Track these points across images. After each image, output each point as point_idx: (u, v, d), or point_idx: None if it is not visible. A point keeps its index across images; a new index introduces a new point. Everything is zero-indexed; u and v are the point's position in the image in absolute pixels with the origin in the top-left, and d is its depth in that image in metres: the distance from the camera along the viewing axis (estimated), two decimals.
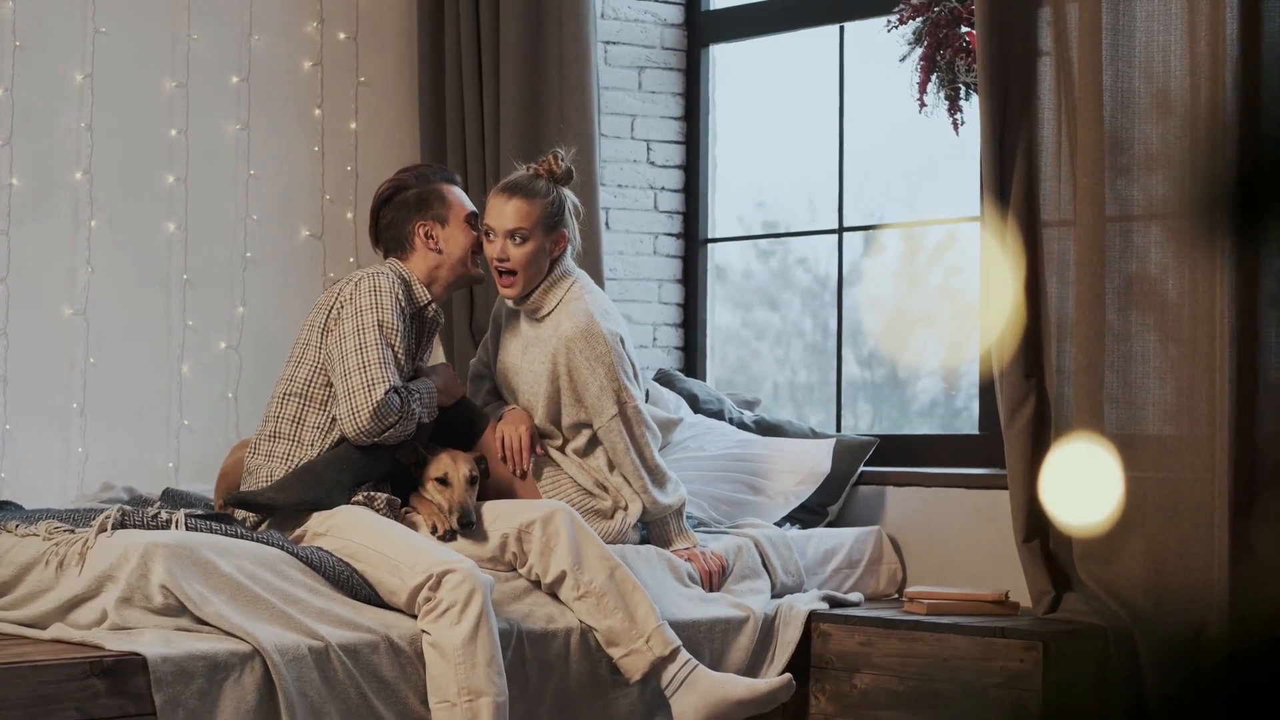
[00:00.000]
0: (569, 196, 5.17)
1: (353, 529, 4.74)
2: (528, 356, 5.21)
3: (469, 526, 4.87)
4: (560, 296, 5.17)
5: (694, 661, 4.82)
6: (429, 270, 5.06)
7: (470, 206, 5.13)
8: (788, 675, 4.98)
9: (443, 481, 4.93)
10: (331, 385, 4.91)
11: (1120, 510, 4.84)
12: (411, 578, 4.58)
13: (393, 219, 5.10)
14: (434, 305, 5.06)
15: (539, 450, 5.16)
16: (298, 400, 4.94)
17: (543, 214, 5.09)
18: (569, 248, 5.18)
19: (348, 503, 4.84)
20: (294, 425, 4.93)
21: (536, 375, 5.17)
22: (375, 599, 4.64)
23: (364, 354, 4.84)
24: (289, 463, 4.91)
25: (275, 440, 4.94)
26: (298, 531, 4.83)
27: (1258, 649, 0.84)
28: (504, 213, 5.10)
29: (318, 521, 4.81)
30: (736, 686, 4.83)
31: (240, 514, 4.87)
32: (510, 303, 5.23)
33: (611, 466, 5.17)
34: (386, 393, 4.80)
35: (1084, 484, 5.16)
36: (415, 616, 4.60)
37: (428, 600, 4.56)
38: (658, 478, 5.18)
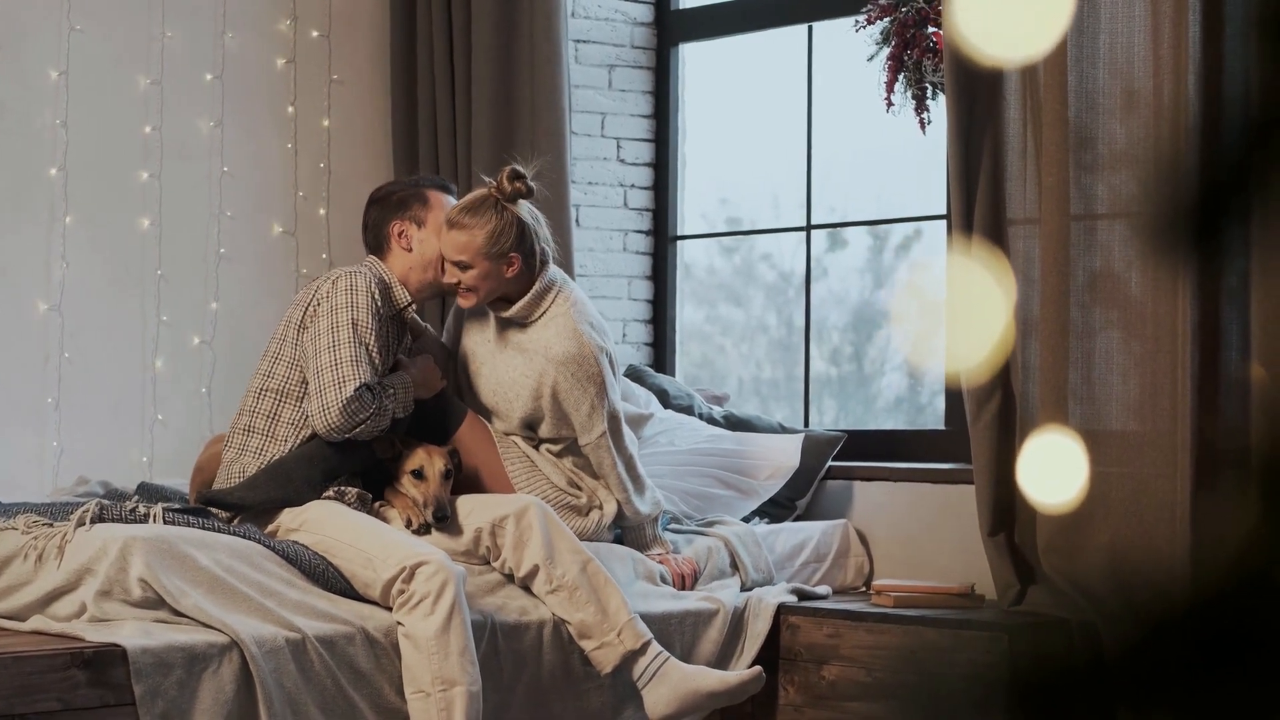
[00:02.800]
0: (523, 214, 5.11)
1: (325, 524, 4.79)
2: (503, 358, 5.22)
3: (444, 520, 4.91)
4: (545, 307, 5.17)
5: (665, 654, 4.87)
6: (404, 271, 5.10)
7: None
8: (758, 668, 5.03)
9: (418, 475, 4.97)
10: (307, 382, 4.95)
11: (1084, 504, 4.90)
12: (385, 570, 4.63)
13: (376, 218, 5.16)
14: (414, 307, 5.11)
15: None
16: (274, 396, 4.99)
17: (483, 245, 5.05)
18: (546, 254, 5.17)
19: (318, 499, 4.88)
20: (269, 421, 4.97)
21: (515, 384, 5.18)
22: (350, 592, 4.69)
23: (336, 351, 4.88)
24: (262, 458, 4.95)
25: (249, 435, 4.98)
26: (270, 527, 4.87)
27: (1213, 612, 0.90)
28: (447, 243, 5.09)
29: (290, 517, 4.85)
30: (708, 679, 4.88)
31: (223, 520, 4.92)
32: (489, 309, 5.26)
33: (588, 470, 5.22)
34: (357, 389, 4.84)
35: (1056, 468, 5.22)
36: (390, 609, 4.65)
37: (401, 592, 4.61)
38: (640, 487, 5.23)
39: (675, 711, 4.84)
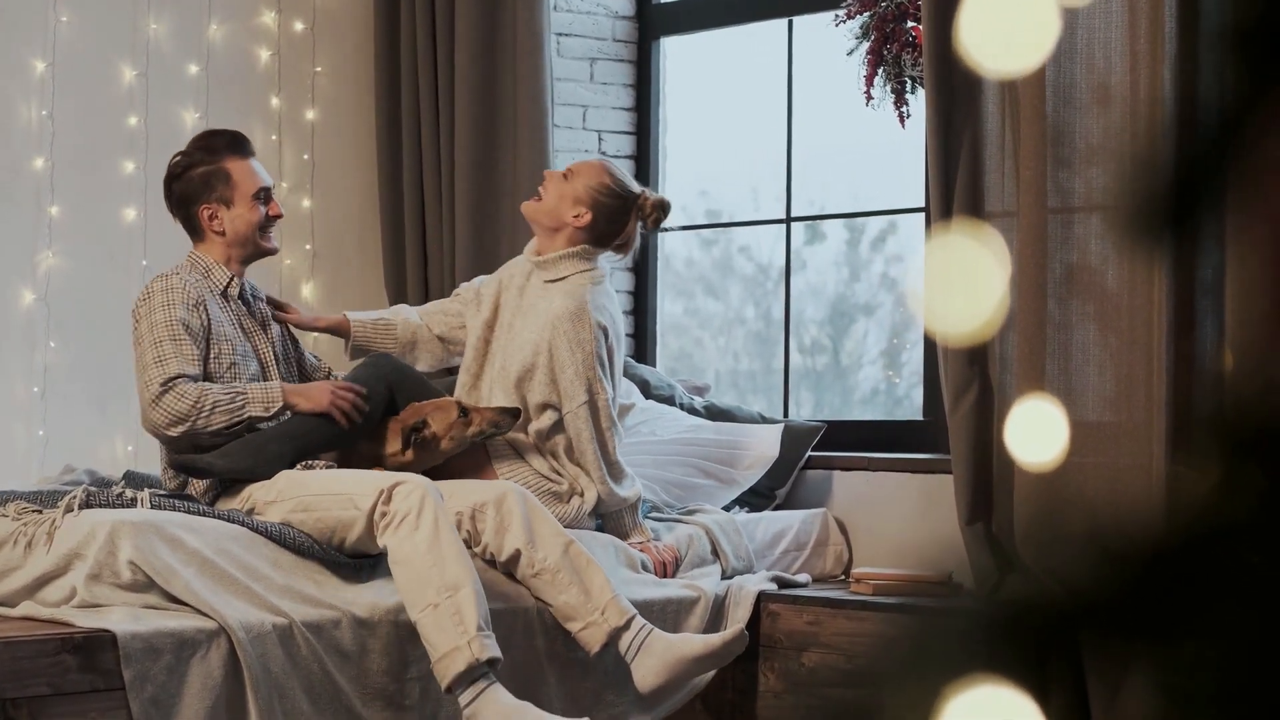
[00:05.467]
0: (629, 221, 5.36)
1: (300, 485, 4.84)
2: (520, 318, 5.33)
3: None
4: (567, 273, 5.30)
5: (649, 626, 4.88)
6: (224, 254, 5.13)
7: (261, 181, 5.15)
8: (740, 626, 5.05)
9: (464, 414, 5.08)
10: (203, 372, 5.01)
11: (1061, 494, 4.95)
12: (365, 501, 4.69)
13: (181, 195, 5.14)
14: (236, 280, 5.13)
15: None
16: None
17: (592, 180, 5.32)
18: (603, 247, 5.36)
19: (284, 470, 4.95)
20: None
21: (521, 345, 5.27)
22: (343, 568, 4.74)
23: (141, 358, 4.96)
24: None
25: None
26: (246, 506, 4.91)
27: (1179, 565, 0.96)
28: (582, 160, 5.46)
29: (263, 491, 4.89)
30: (692, 644, 4.90)
31: (198, 492, 4.96)
32: (528, 255, 5.41)
33: (570, 454, 5.27)
34: (163, 383, 4.88)
35: (1039, 429, 5.27)
36: (381, 561, 4.72)
37: (383, 515, 4.66)
38: (615, 471, 5.27)
39: (664, 681, 4.85)
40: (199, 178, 5.10)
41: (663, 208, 5.38)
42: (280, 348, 5.24)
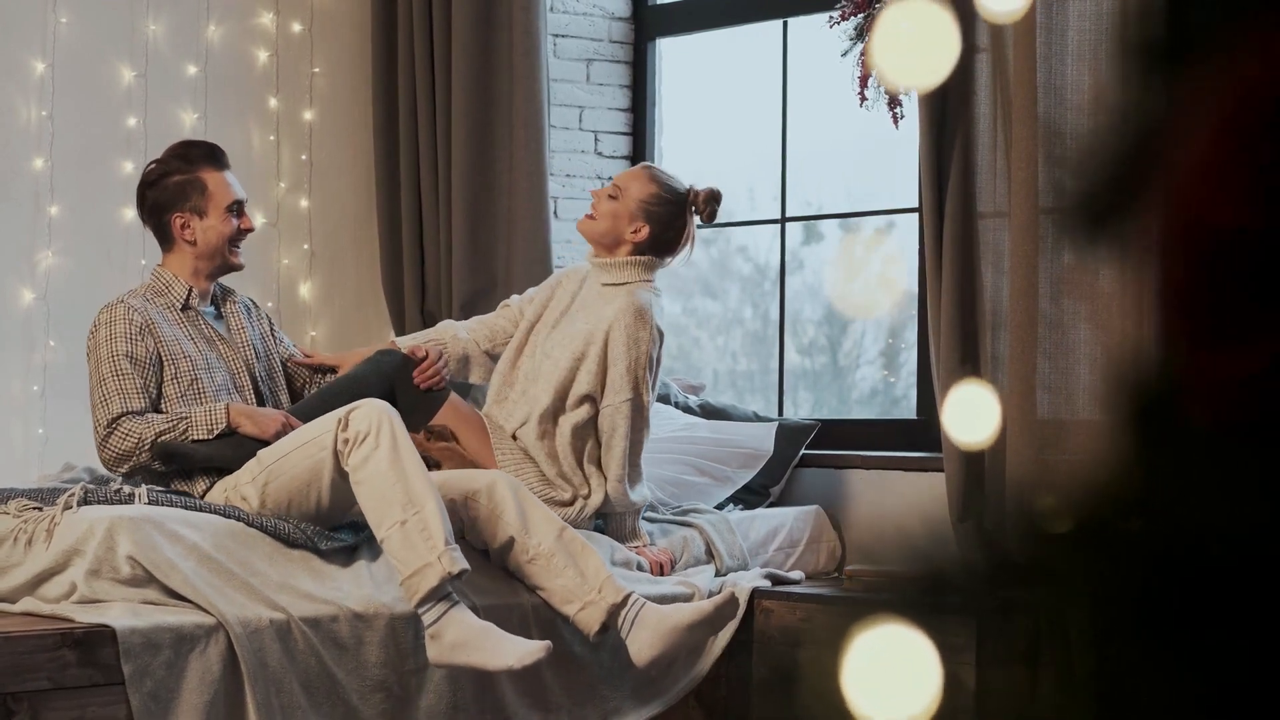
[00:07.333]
0: (687, 220, 5.45)
1: (270, 453, 4.87)
2: (565, 320, 5.37)
3: None
4: (627, 280, 5.36)
5: (642, 600, 4.88)
6: (191, 266, 5.14)
7: (235, 195, 5.16)
8: (730, 591, 5.06)
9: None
10: (159, 394, 5.03)
11: (1053, 492, 4.98)
12: (327, 439, 4.72)
13: (155, 202, 5.14)
14: (196, 292, 5.15)
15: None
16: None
17: (642, 194, 5.38)
18: (663, 258, 5.45)
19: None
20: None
21: (572, 336, 5.31)
22: (335, 555, 4.78)
23: (91, 395, 5.00)
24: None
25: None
26: (224, 494, 4.93)
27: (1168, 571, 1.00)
28: (626, 172, 5.54)
29: (244, 473, 4.92)
30: (684, 611, 4.88)
31: (196, 488, 4.99)
32: (588, 258, 5.48)
33: (591, 456, 5.30)
34: (109, 423, 4.91)
35: (975, 412, 5.31)
36: (373, 547, 4.75)
37: (345, 442, 4.69)
38: (635, 475, 5.31)
39: (660, 652, 4.82)
40: (174, 186, 5.11)
41: (714, 198, 5.45)
42: (256, 349, 5.26)
